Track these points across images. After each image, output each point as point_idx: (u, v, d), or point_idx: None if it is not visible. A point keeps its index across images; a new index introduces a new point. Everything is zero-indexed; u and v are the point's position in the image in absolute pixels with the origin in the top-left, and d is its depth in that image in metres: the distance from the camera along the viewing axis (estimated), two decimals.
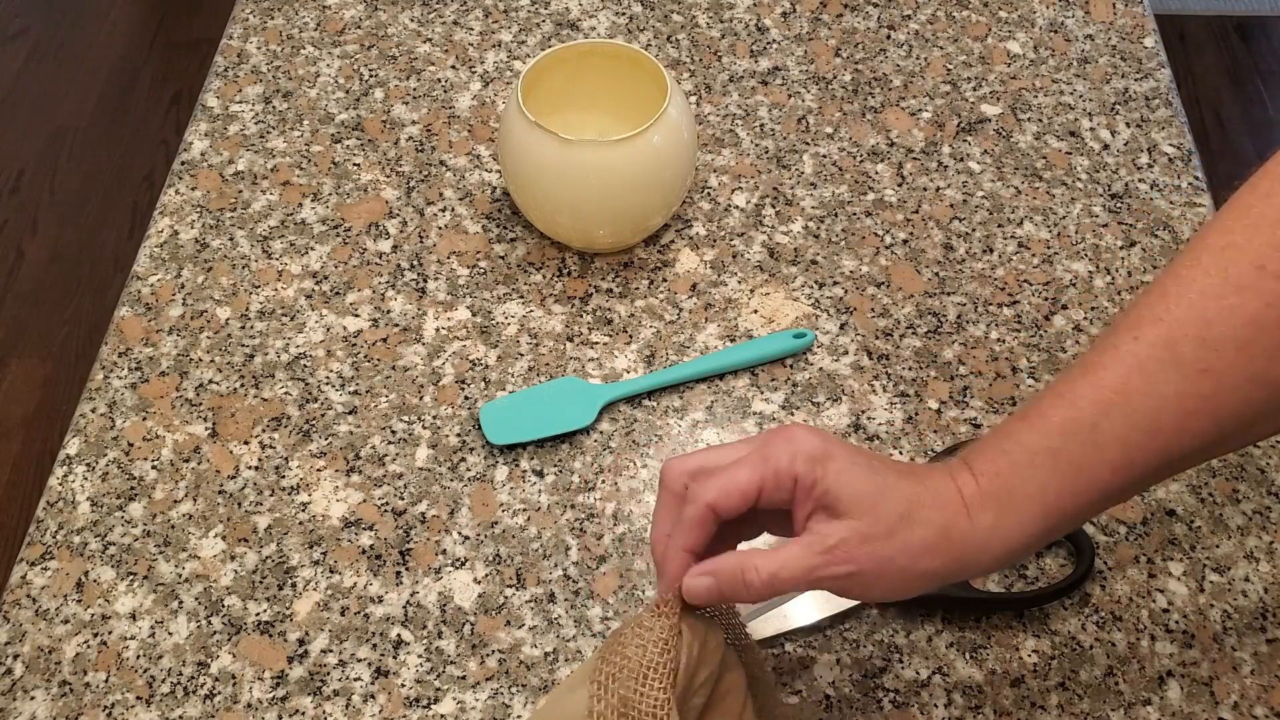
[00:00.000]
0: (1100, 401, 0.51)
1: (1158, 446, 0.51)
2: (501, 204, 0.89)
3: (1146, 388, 0.51)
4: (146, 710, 0.66)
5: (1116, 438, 0.51)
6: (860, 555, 0.52)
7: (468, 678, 0.67)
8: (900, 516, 0.52)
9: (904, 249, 0.87)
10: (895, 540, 0.52)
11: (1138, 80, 0.97)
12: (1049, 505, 0.52)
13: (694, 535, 0.54)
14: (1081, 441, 0.51)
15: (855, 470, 0.53)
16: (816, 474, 0.52)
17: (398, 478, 0.75)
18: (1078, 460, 0.51)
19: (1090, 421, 0.51)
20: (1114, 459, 0.51)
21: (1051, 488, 0.52)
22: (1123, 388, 0.51)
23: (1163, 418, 0.51)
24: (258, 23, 1.02)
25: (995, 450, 0.53)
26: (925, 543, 0.52)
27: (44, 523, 0.74)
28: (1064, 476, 0.52)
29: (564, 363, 0.81)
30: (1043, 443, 0.52)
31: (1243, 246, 0.51)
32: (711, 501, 0.53)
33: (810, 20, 1.02)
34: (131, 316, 0.83)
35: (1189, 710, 0.66)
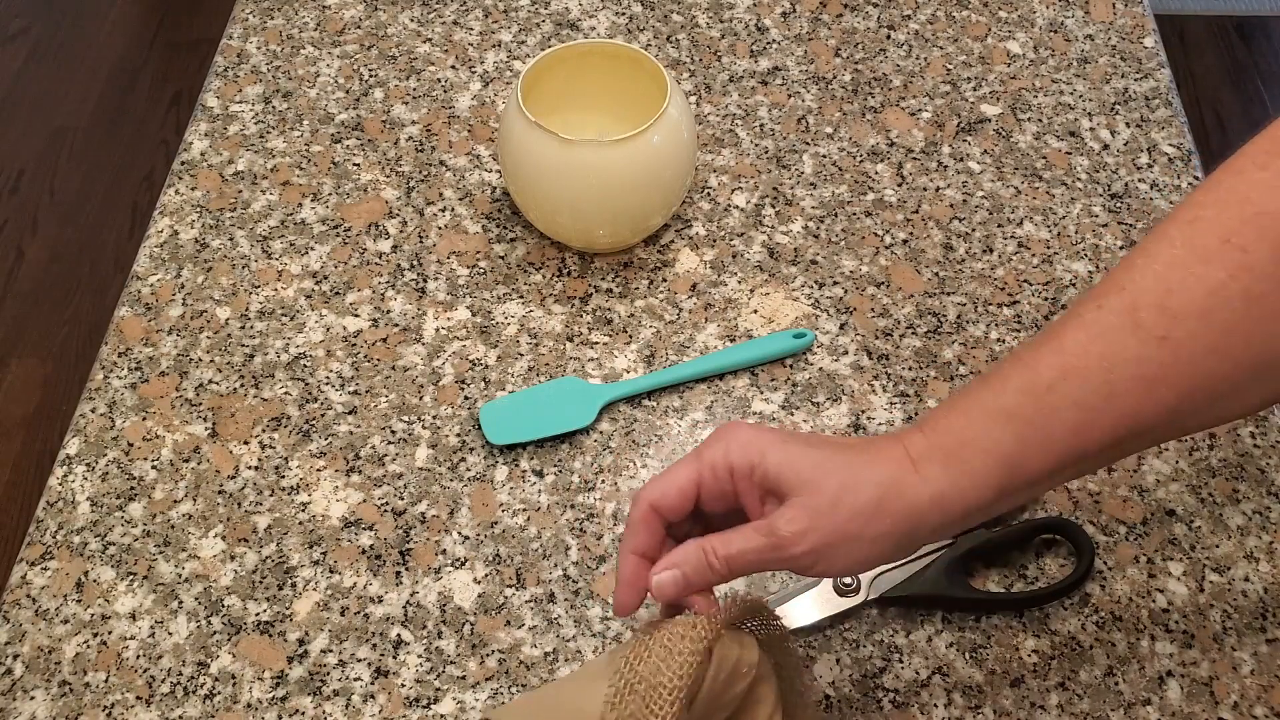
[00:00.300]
0: (1058, 365, 0.51)
1: (1117, 411, 0.51)
2: (501, 204, 0.89)
3: (1105, 351, 0.51)
4: (146, 710, 0.66)
5: (1074, 400, 0.51)
6: (810, 530, 0.52)
7: (468, 678, 0.67)
8: (841, 484, 0.52)
9: (904, 249, 0.87)
10: (842, 508, 0.52)
11: (1138, 80, 0.97)
12: (1004, 460, 0.51)
13: (639, 536, 0.55)
14: (1038, 401, 0.51)
15: (790, 448, 0.53)
16: (752, 459, 0.53)
17: (398, 478, 0.75)
18: (1033, 418, 0.51)
19: (1047, 382, 0.51)
20: (1072, 420, 0.51)
21: (1006, 443, 0.51)
22: (1082, 352, 0.51)
23: (1121, 383, 0.50)
24: (258, 23, 1.02)
25: (947, 409, 0.53)
26: (872, 503, 0.52)
27: (44, 523, 0.74)
28: (1019, 434, 0.51)
29: (564, 363, 0.81)
30: (997, 401, 0.52)
31: (1210, 220, 0.51)
32: (652, 500, 0.55)
33: (810, 20, 1.02)
34: (131, 316, 0.83)
35: (1189, 710, 0.66)
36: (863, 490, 0.52)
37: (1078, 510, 0.73)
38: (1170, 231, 0.52)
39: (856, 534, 0.52)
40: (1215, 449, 0.76)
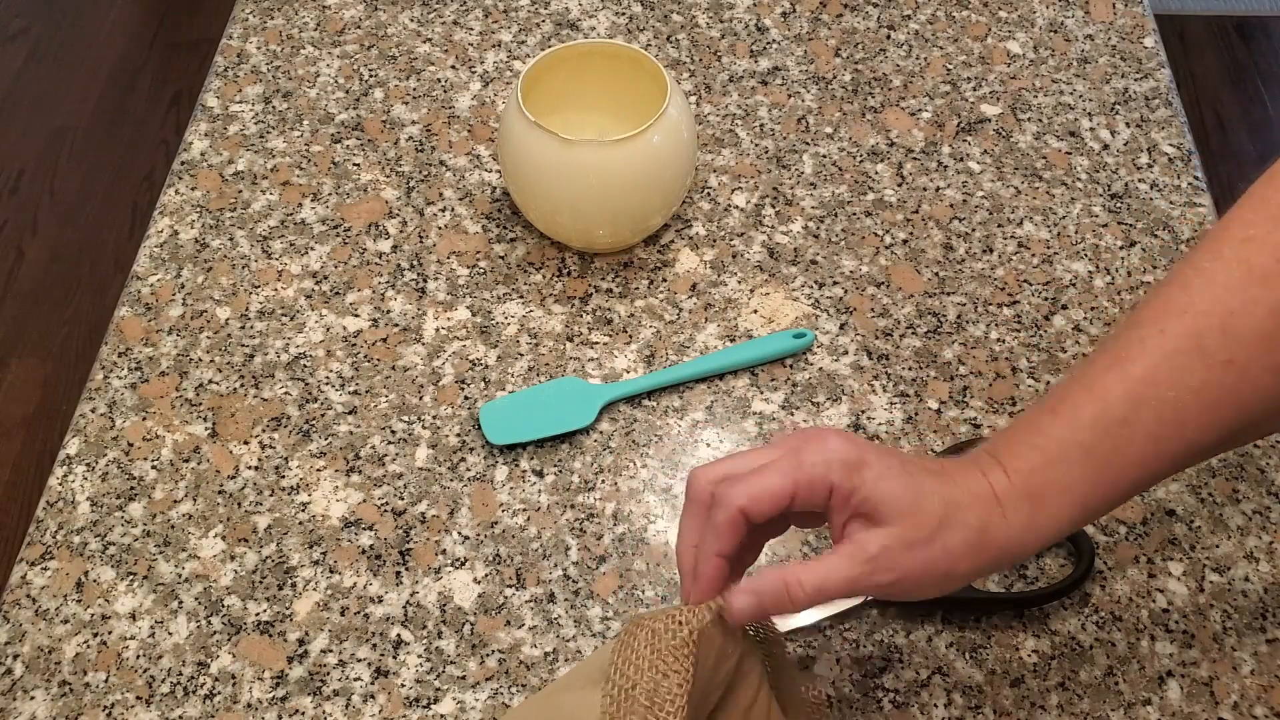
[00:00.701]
0: (1129, 395, 0.52)
1: (1184, 438, 0.52)
2: (501, 204, 0.89)
3: (1173, 380, 0.51)
4: (146, 710, 0.66)
5: (1146, 432, 0.52)
6: (903, 562, 0.52)
7: (468, 678, 0.67)
8: (939, 521, 0.52)
9: (904, 249, 0.87)
10: (935, 545, 0.52)
11: (1138, 80, 0.97)
12: (1081, 499, 0.53)
13: (726, 540, 0.54)
14: (1113, 436, 0.52)
15: (891, 476, 0.52)
16: (854, 482, 0.52)
17: (398, 478, 0.75)
18: (1108, 456, 0.52)
19: (1120, 416, 0.52)
20: (1143, 452, 0.52)
21: (1084, 482, 0.52)
22: (1150, 379, 0.51)
23: (1189, 411, 0.51)
24: (258, 23, 1.02)
25: (1026, 445, 0.54)
26: (965, 544, 0.52)
27: (44, 523, 0.74)
28: (1095, 471, 0.52)
29: (564, 363, 0.81)
30: (1073, 437, 0.52)
31: (1264, 239, 0.52)
32: (744, 506, 0.53)
33: (810, 20, 1.02)
34: (131, 316, 0.83)
35: (1189, 710, 0.66)
36: (959, 530, 0.52)
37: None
38: (1224, 251, 0.52)
39: (947, 570, 0.53)
40: None
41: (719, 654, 0.55)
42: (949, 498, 0.53)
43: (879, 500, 0.52)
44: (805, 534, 0.73)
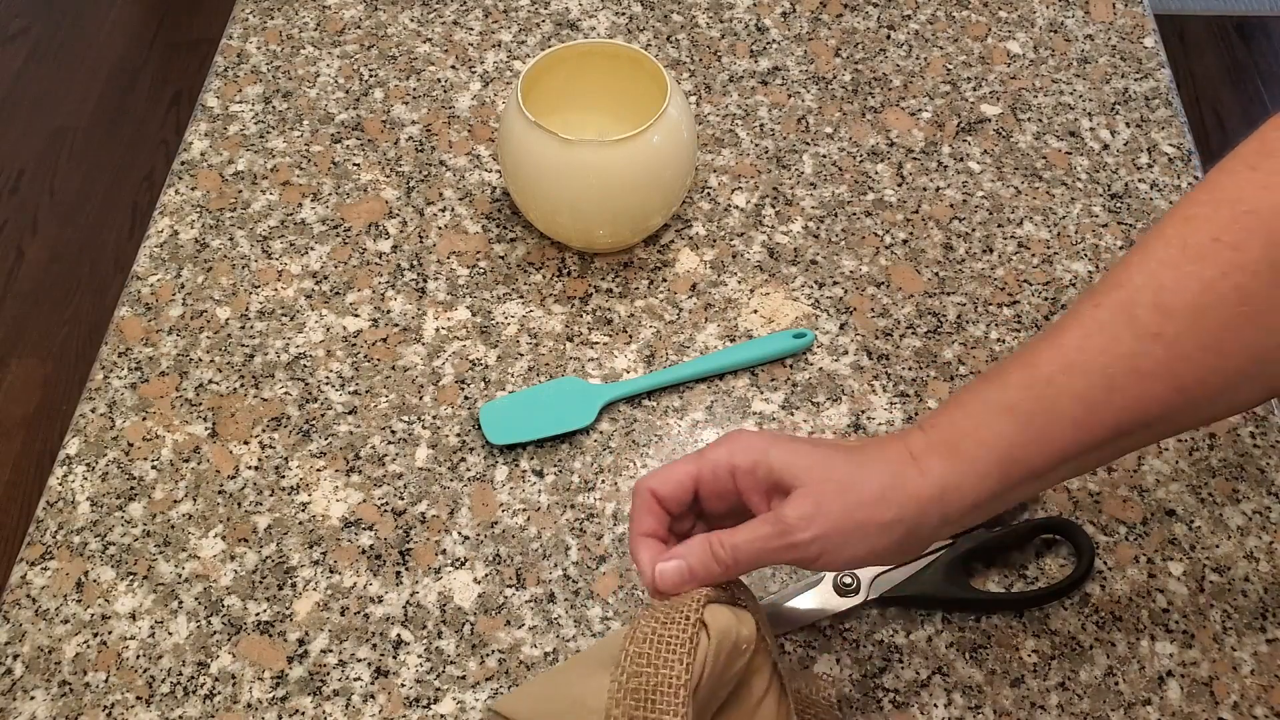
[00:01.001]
0: (1057, 359, 0.52)
1: (1117, 405, 0.52)
2: (501, 204, 0.89)
3: (1102, 346, 0.52)
4: (146, 710, 0.66)
5: (1073, 393, 0.52)
6: (817, 520, 0.53)
7: (468, 678, 0.67)
8: (846, 476, 0.53)
9: (904, 249, 0.87)
10: (848, 497, 0.53)
11: (1138, 80, 0.97)
12: (1005, 454, 0.52)
13: (644, 520, 0.57)
14: (1038, 395, 0.52)
15: (795, 449, 0.55)
16: (755, 457, 0.55)
17: (398, 478, 0.75)
18: (1033, 411, 0.52)
19: (1046, 376, 0.52)
20: (1073, 413, 0.52)
21: (1006, 436, 0.52)
22: (1079, 346, 0.52)
23: (1119, 377, 0.51)
24: (258, 23, 1.02)
25: (947, 406, 0.55)
26: (876, 493, 0.53)
27: (44, 523, 0.74)
28: (1020, 427, 0.52)
29: (564, 363, 0.81)
30: (998, 396, 0.53)
31: (1204, 219, 0.52)
32: (652, 487, 0.57)
33: (810, 20, 1.02)
34: (131, 316, 0.83)
35: (1189, 710, 0.66)
36: (867, 483, 0.53)
37: (1078, 510, 0.73)
38: (1166, 230, 0.53)
39: (862, 522, 0.53)
40: (1215, 449, 0.76)
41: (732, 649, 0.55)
42: (855, 459, 0.54)
43: (783, 468, 0.54)
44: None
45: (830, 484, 0.53)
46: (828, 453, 0.55)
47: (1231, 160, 0.53)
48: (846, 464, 0.54)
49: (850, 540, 0.53)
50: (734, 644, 0.55)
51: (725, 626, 0.55)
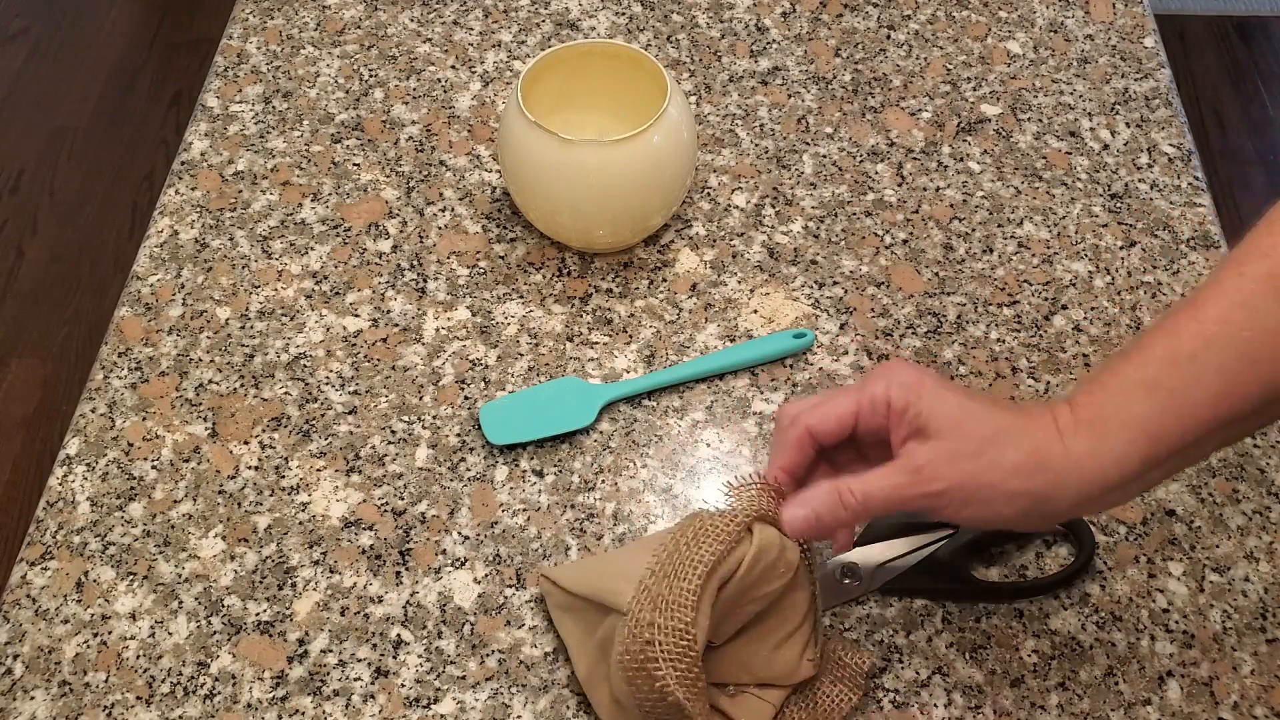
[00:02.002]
0: (1201, 333, 0.52)
1: (1259, 377, 0.51)
2: (501, 204, 0.89)
3: (1248, 319, 0.51)
4: (146, 710, 0.66)
5: (1217, 367, 0.51)
6: (948, 473, 0.53)
7: (468, 678, 0.67)
8: (988, 438, 0.53)
9: (904, 249, 0.87)
10: (983, 458, 0.53)
11: (1138, 80, 0.97)
12: (1148, 433, 0.52)
13: (790, 455, 0.58)
14: (1181, 371, 0.51)
15: (946, 394, 0.55)
16: (909, 398, 0.55)
17: (398, 478, 0.75)
18: (1176, 388, 0.51)
19: (1190, 351, 0.51)
20: (1214, 388, 0.51)
21: (1150, 415, 0.52)
22: (1224, 319, 0.51)
23: (1264, 350, 0.51)
24: (258, 23, 1.02)
25: (1093, 384, 0.54)
26: (1014, 462, 0.53)
27: (44, 523, 0.74)
28: (1163, 404, 0.52)
29: (564, 363, 0.81)
30: (1140, 373, 0.52)
31: None
32: (811, 424, 0.57)
33: (810, 20, 1.02)
34: (131, 316, 0.83)
35: (1189, 710, 0.66)
36: (1008, 446, 0.53)
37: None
38: None
39: (993, 484, 0.53)
40: None
41: (771, 565, 0.58)
42: (1003, 420, 0.54)
43: (930, 415, 0.54)
44: None
45: (970, 443, 0.53)
46: (978, 409, 0.54)
47: None
48: (990, 424, 0.54)
49: (980, 497, 0.53)
50: (772, 561, 0.58)
51: (769, 541, 0.58)
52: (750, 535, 0.58)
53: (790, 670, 0.62)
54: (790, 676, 0.62)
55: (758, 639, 0.62)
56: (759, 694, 0.62)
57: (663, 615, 0.56)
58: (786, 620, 0.61)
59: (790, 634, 0.62)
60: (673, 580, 0.56)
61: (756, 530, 0.58)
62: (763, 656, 0.62)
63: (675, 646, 0.56)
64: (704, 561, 0.56)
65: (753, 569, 0.58)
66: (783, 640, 0.62)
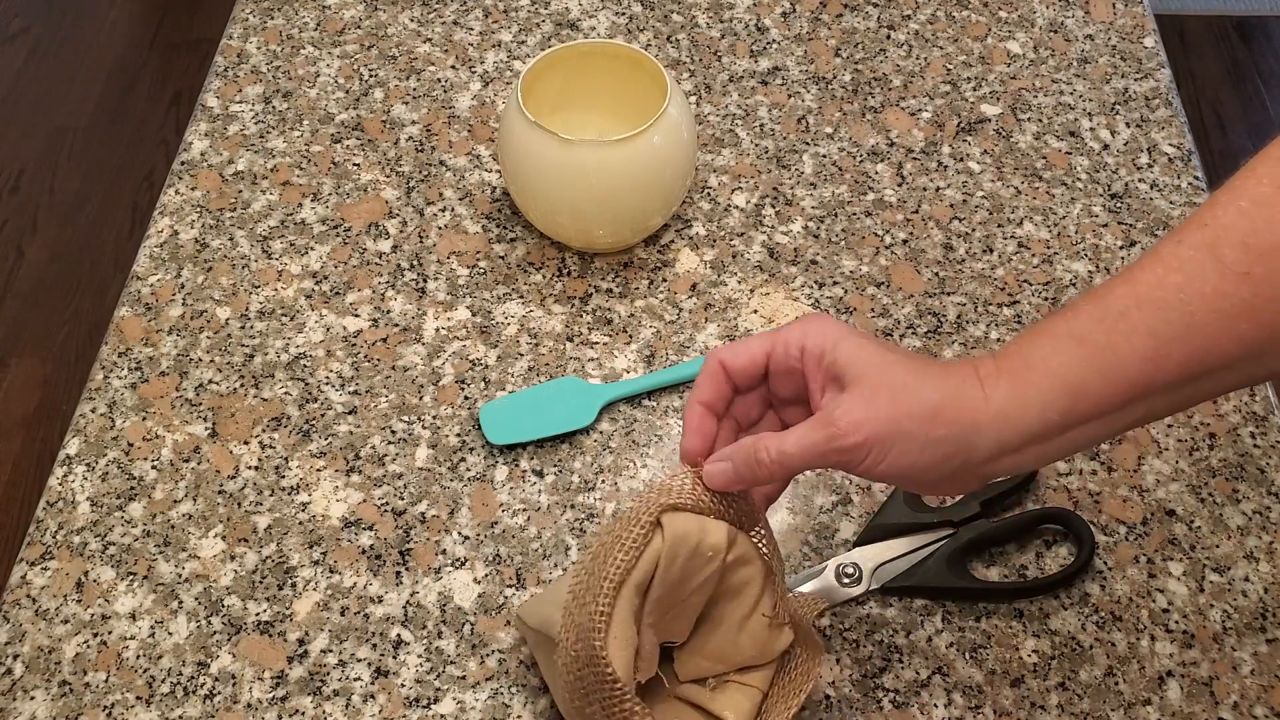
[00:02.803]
0: (1132, 294, 0.51)
1: (1192, 343, 0.50)
2: (501, 204, 0.89)
3: (1182, 283, 0.50)
4: (146, 710, 0.66)
5: (1147, 328, 0.50)
6: (865, 423, 0.52)
7: (468, 678, 0.67)
8: (903, 383, 0.53)
9: (904, 249, 0.87)
10: (899, 404, 0.52)
11: (1138, 80, 0.97)
12: (1069, 383, 0.51)
13: (705, 389, 0.58)
14: (1108, 327, 0.51)
15: (863, 343, 0.54)
16: (824, 346, 0.54)
17: (398, 478, 0.75)
18: (1103, 344, 0.50)
19: (1119, 309, 0.51)
20: (1143, 348, 0.50)
21: (1072, 365, 0.51)
22: (1158, 283, 0.50)
23: (1198, 315, 0.50)
24: (258, 23, 1.02)
25: (1019, 338, 0.53)
26: (931, 406, 0.52)
27: (44, 523, 0.74)
28: (1088, 358, 0.51)
29: (564, 363, 0.81)
30: (1067, 327, 0.52)
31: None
32: (722, 358, 0.57)
33: (810, 20, 1.02)
34: (131, 316, 0.83)
35: (1189, 710, 0.66)
36: (923, 391, 0.52)
37: (1078, 510, 0.73)
38: (1258, 169, 0.51)
39: (910, 432, 0.52)
40: (1215, 449, 0.76)
41: (693, 553, 0.56)
42: (919, 368, 0.53)
43: (846, 363, 0.54)
44: (805, 534, 0.73)
45: (885, 389, 0.53)
46: (893, 358, 0.54)
47: None
48: (907, 371, 0.53)
49: (898, 448, 0.52)
50: (694, 549, 0.56)
51: (683, 531, 0.56)
52: (660, 530, 0.56)
53: (762, 646, 0.60)
54: (765, 653, 0.61)
55: (717, 625, 0.60)
56: (741, 680, 0.61)
57: (582, 643, 0.54)
58: (742, 598, 0.60)
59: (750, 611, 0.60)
60: (585, 604, 0.55)
61: (666, 523, 0.56)
62: (728, 641, 0.60)
63: (593, 675, 0.54)
64: (610, 577, 0.55)
65: (673, 564, 0.56)
66: (745, 618, 0.60)
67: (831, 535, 0.72)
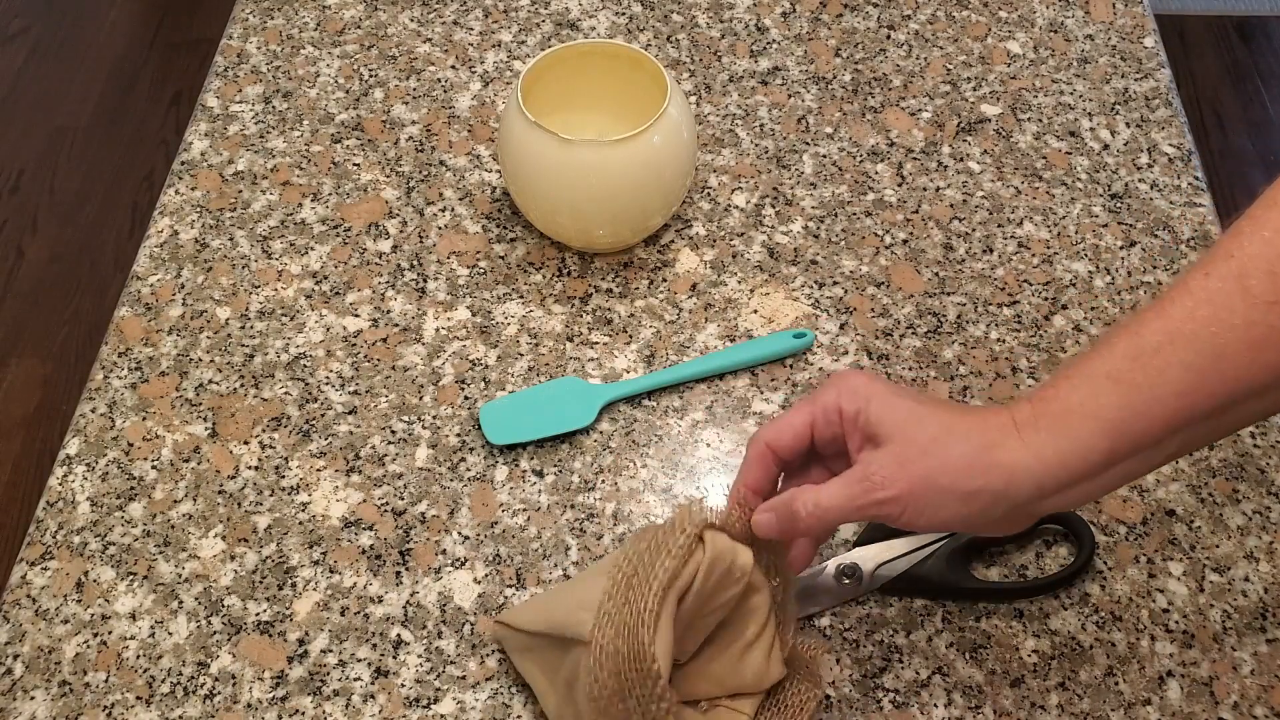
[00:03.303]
0: (1164, 329, 0.51)
1: (1225, 374, 0.51)
2: (501, 204, 0.89)
3: (1212, 316, 0.51)
4: (146, 710, 0.66)
5: (1181, 362, 0.51)
6: (899, 478, 0.53)
7: (468, 678, 0.67)
8: (934, 436, 0.53)
9: (904, 249, 0.87)
10: (931, 459, 0.53)
11: (1138, 80, 0.97)
12: (1109, 425, 0.51)
13: (752, 472, 0.58)
14: (1144, 364, 0.51)
15: (896, 400, 0.55)
16: (859, 404, 0.55)
17: (398, 478, 0.75)
18: (1139, 382, 0.51)
19: (1153, 346, 0.51)
20: (1178, 383, 0.51)
21: (1112, 407, 0.51)
22: (1190, 316, 0.51)
23: (1229, 347, 0.50)
24: (258, 23, 1.02)
25: (1054, 379, 0.54)
26: (965, 459, 0.52)
27: (44, 523, 0.74)
28: (1125, 396, 0.51)
29: (564, 363, 0.81)
30: (1104, 367, 0.52)
31: None
32: (768, 439, 0.58)
33: (810, 20, 1.02)
34: (131, 316, 0.83)
35: (1189, 710, 0.66)
36: (955, 445, 0.53)
37: (1078, 510, 0.73)
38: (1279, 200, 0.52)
39: (947, 487, 0.52)
40: (1215, 449, 0.76)
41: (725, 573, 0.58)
42: (952, 420, 0.54)
43: (879, 421, 0.54)
44: None
45: (916, 446, 0.53)
46: (926, 411, 0.54)
47: None
48: (939, 425, 0.53)
49: (933, 501, 0.53)
50: (727, 569, 0.57)
51: (722, 549, 0.57)
52: (702, 545, 0.57)
53: (759, 676, 0.61)
54: (760, 682, 0.62)
55: (722, 649, 0.61)
56: (731, 705, 0.62)
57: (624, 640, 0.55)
58: (748, 625, 0.61)
59: (754, 639, 0.61)
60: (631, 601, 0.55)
61: (708, 539, 0.57)
62: (729, 666, 0.61)
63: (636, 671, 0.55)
64: (659, 578, 0.55)
65: (709, 578, 0.57)
66: (747, 646, 0.61)
67: (831, 535, 0.72)
